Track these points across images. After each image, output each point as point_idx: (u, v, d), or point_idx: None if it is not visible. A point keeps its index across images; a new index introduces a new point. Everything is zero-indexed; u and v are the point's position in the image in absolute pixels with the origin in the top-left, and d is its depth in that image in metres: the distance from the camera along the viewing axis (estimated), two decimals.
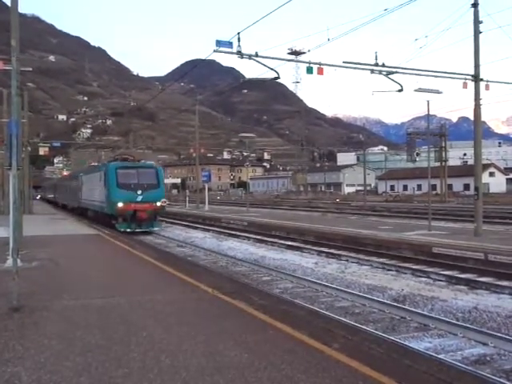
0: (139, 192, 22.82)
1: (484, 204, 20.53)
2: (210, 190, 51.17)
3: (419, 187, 77.49)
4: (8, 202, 8.07)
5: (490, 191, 68.52)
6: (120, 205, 22.38)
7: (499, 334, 7.26)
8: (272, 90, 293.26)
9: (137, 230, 22.63)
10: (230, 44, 15.66)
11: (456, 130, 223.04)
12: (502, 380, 5.59)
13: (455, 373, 4.94)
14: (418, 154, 49.77)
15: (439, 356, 6.39)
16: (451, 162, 67.65)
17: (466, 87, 18.23)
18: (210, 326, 6.26)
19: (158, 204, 23.26)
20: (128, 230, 22.37)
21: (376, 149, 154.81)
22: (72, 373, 4.65)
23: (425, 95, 19.70)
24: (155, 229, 23.56)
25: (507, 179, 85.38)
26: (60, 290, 8.78)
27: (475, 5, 17.69)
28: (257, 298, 7.96)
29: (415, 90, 19.19)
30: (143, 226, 23.03)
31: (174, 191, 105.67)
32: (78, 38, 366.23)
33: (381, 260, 14.51)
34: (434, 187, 56.59)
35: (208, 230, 25.69)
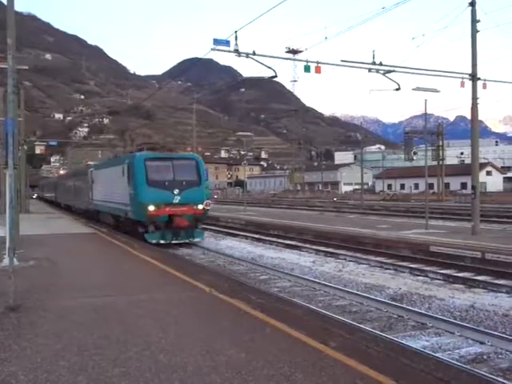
0: (176, 191, 17.62)
1: (481, 203, 20.57)
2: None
3: (416, 186, 77.51)
4: (4, 201, 8.03)
5: (488, 190, 68.65)
6: (151, 208, 17.22)
7: (496, 333, 7.29)
8: (269, 88, 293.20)
9: (173, 242, 17.70)
10: (227, 42, 15.66)
11: (453, 129, 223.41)
12: (499, 378, 5.59)
13: (452, 371, 4.94)
14: (415, 153, 49.82)
15: (436, 354, 6.39)
16: (448, 161, 67.77)
17: (464, 86, 18.27)
18: (207, 325, 6.25)
19: (200, 207, 18.06)
20: (162, 241, 17.40)
21: (373, 148, 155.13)
22: (69, 372, 4.63)
23: (422, 94, 19.76)
24: (197, 240, 18.33)
25: (504, 178, 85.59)
26: (57, 289, 8.76)
27: (472, 4, 17.71)
28: (254, 296, 7.95)
29: (413, 89, 19.23)
30: (181, 235, 17.77)
31: None
32: (74, 37, 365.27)
33: (378, 259, 14.52)
34: (431, 186, 56.80)
35: (205, 229, 25.67)
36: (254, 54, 16.46)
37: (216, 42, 15.59)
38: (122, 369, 4.70)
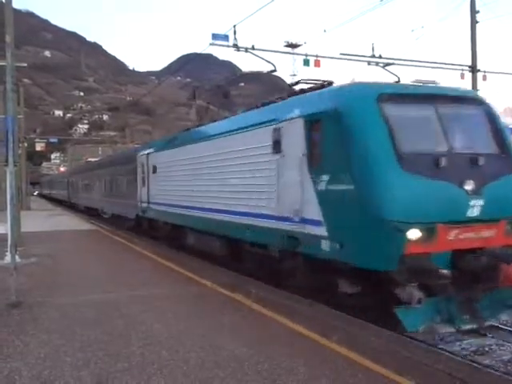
0: (469, 186, 6.34)
1: None
2: None
3: None
4: (5, 198, 8.03)
5: None
6: (412, 235, 5.98)
7: (498, 325, 7.26)
8: (269, 83, 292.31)
9: (474, 327, 6.61)
10: (226, 37, 15.63)
11: None
12: (500, 370, 5.60)
13: (454, 363, 4.95)
14: None
15: (438, 347, 6.39)
16: None
17: (464, 78, 18.27)
18: (209, 320, 6.27)
19: None
20: (443, 329, 6.49)
21: None
22: (72, 368, 4.65)
23: None
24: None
25: None
26: (59, 285, 8.78)
27: None
28: (255, 291, 7.95)
29: (412, 82, 19.17)
30: (481, 308, 6.57)
31: None
32: (73, 33, 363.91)
33: None
34: None
35: None
36: (253, 48, 16.41)
37: (215, 36, 15.57)
38: (124, 364, 4.72)
